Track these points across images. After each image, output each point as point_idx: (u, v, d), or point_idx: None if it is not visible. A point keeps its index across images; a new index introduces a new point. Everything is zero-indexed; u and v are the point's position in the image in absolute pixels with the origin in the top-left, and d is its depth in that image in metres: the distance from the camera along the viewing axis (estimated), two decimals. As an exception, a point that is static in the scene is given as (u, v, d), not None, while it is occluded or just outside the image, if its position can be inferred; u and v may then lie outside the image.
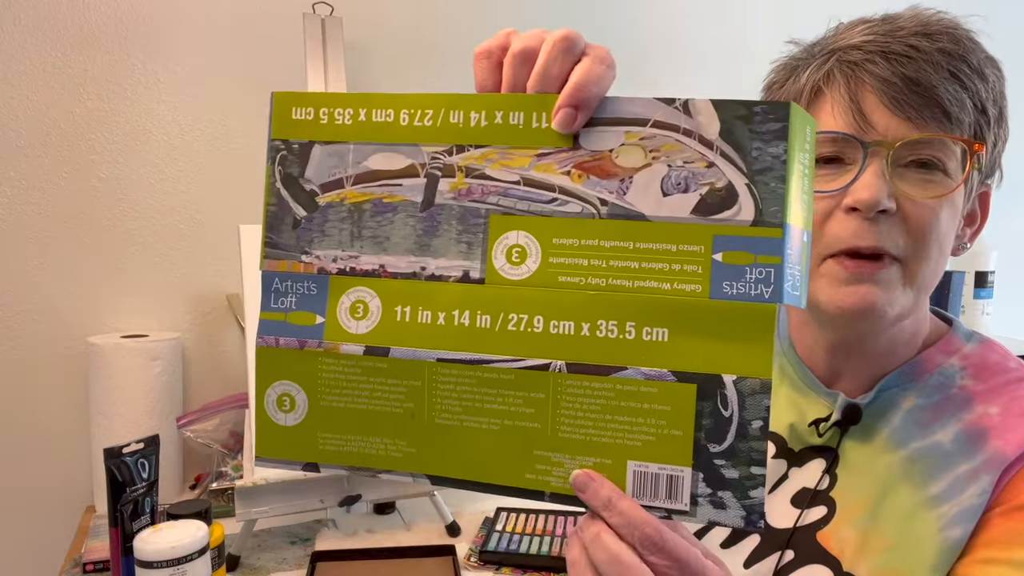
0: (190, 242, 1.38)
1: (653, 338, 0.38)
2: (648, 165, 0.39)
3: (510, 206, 0.41)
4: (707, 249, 0.38)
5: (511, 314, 0.40)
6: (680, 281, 0.38)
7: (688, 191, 0.38)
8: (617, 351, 0.39)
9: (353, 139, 0.43)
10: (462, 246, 0.41)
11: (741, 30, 1.71)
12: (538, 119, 0.40)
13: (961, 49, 0.55)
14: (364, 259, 0.43)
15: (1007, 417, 0.56)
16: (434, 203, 0.42)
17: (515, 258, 0.40)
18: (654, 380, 0.38)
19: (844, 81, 0.56)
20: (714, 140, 0.38)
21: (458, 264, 0.41)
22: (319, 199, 0.44)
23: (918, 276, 0.57)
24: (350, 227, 0.43)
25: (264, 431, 0.45)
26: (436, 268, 0.42)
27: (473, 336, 0.41)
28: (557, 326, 0.40)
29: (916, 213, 0.55)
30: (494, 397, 0.41)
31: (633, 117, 0.39)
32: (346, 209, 0.43)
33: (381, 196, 0.43)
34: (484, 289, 0.41)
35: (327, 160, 0.43)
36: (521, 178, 0.41)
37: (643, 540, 0.37)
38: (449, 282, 0.41)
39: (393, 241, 0.42)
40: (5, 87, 1.25)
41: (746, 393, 0.37)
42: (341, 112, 0.43)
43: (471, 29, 1.51)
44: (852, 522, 0.58)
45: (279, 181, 0.44)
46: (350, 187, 0.43)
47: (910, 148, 0.55)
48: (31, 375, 1.30)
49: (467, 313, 0.41)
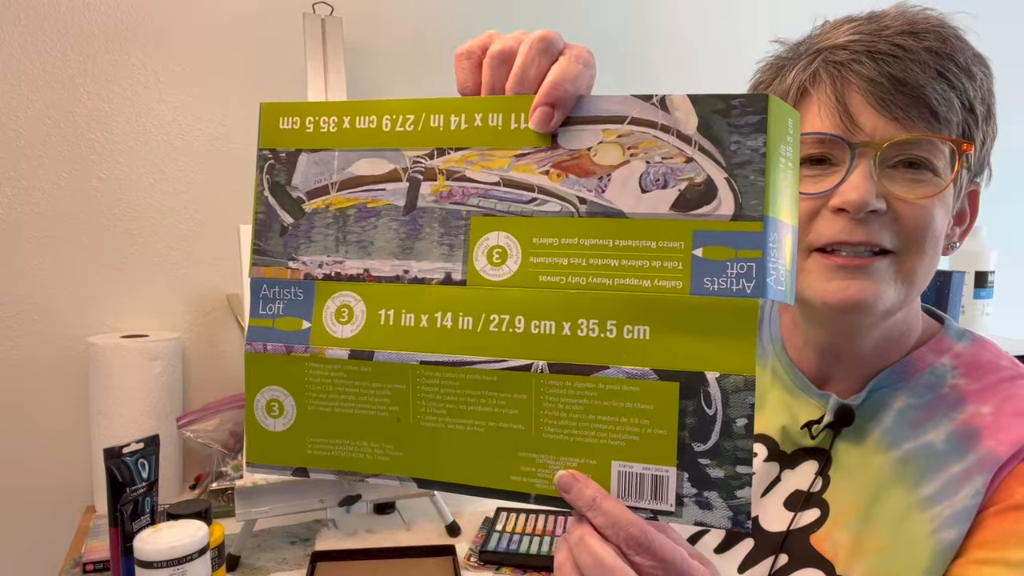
0: (190, 242, 1.38)
1: (635, 336, 0.38)
2: (626, 162, 0.39)
3: (490, 207, 0.41)
4: (687, 245, 0.37)
5: (492, 315, 0.40)
6: (660, 278, 0.38)
7: (667, 187, 0.38)
8: (599, 350, 0.39)
9: (338, 146, 0.44)
10: (444, 248, 0.41)
11: (739, 30, 1.71)
12: (516, 120, 0.40)
13: (948, 47, 0.54)
14: (349, 264, 0.43)
15: (1000, 416, 0.56)
16: (416, 207, 0.42)
17: (496, 259, 0.41)
18: (636, 379, 0.38)
19: (830, 81, 0.56)
20: (692, 135, 0.38)
21: (440, 266, 0.41)
22: (305, 206, 0.44)
23: (911, 271, 0.56)
24: (335, 232, 0.43)
25: (254, 437, 0.45)
26: (419, 271, 0.42)
27: (456, 338, 0.41)
28: (538, 326, 0.39)
29: (910, 212, 0.55)
30: (477, 399, 0.41)
31: (610, 115, 0.39)
32: (331, 215, 0.44)
33: (365, 201, 0.43)
34: (466, 291, 0.41)
35: (313, 168, 0.44)
36: (501, 179, 0.41)
37: (628, 540, 0.37)
38: (432, 284, 0.42)
39: (377, 245, 0.43)
40: (5, 87, 1.25)
41: (730, 391, 0.37)
42: (326, 120, 0.44)
43: (471, 29, 1.51)
44: (845, 525, 0.58)
45: (267, 189, 0.45)
46: (335, 193, 0.44)
47: (898, 148, 0.54)
48: (31, 375, 1.31)
49: (449, 315, 0.41)
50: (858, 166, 0.54)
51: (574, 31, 1.57)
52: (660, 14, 1.66)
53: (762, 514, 0.63)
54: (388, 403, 0.42)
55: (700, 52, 1.70)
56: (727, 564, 0.63)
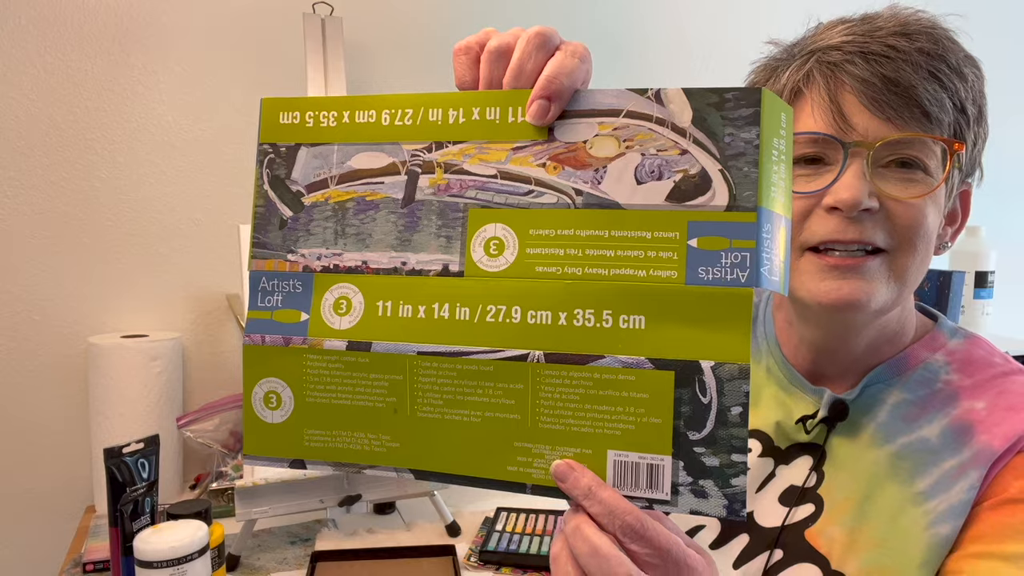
0: (190, 242, 1.38)
1: (630, 326, 0.38)
2: (622, 155, 0.39)
3: (488, 199, 0.41)
4: (682, 235, 0.38)
5: (489, 305, 0.41)
6: (656, 268, 0.38)
7: (662, 178, 0.39)
8: (594, 339, 0.39)
9: (337, 140, 0.44)
10: (442, 240, 0.42)
11: (738, 29, 1.71)
12: (514, 114, 0.41)
13: (940, 48, 0.55)
14: (347, 256, 0.44)
15: (993, 411, 0.56)
16: (414, 199, 0.43)
17: (493, 250, 0.41)
18: (632, 368, 0.38)
19: (823, 82, 0.56)
20: (687, 127, 0.38)
21: (438, 258, 0.42)
22: (305, 199, 0.45)
23: (904, 269, 0.57)
24: (334, 225, 0.44)
25: (252, 429, 0.45)
26: (417, 263, 0.42)
27: (453, 329, 0.41)
28: (535, 316, 0.40)
29: (902, 211, 0.55)
30: (474, 389, 0.41)
31: (606, 108, 0.40)
32: (330, 208, 0.44)
33: (364, 194, 0.44)
34: (463, 282, 0.41)
35: (312, 161, 0.45)
36: (498, 171, 0.41)
37: (624, 528, 0.37)
38: (429, 276, 0.42)
39: (375, 238, 0.43)
40: (5, 87, 1.25)
41: (724, 379, 0.37)
42: (326, 115, 0.44)
43: (470, 29, 1.50)
44: (840, 520, 0.58)
45: (267, 183, 0.45)
46: (334, 187, 0.44)
47: (890, 148, 0.55)
48: (31, 375, 1.31)
49: (447, 306, 0.41)
50: (851, 165, 0.55)
51: (571, 28, 1.57)
52: (657, 10, 1.66)
53: (757, 509, 0.63)
54: (385, 394, 0.42)
55: (696, 48, 1.71)
56: (723, 559, 0.63)
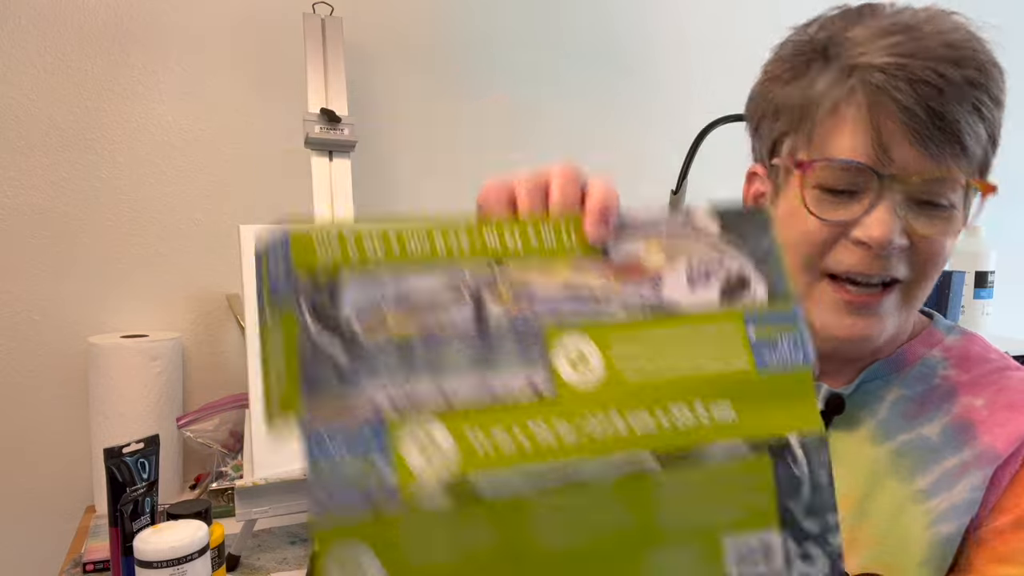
0: (190, 242, 1.38)
1: (722, 415, 0.41)
2: (671, 263, 0.43)
3: (561, 317, 0.41)
4: (741, 327, 0.42)
5: (589, 421, 0.39)
6: (730, 358, 0.41)
7: (710, 280, 0.43)
8: (695, 433, 0.40)
9: (387, 271, 0.40)
10: (522, 362, 0.39)
11: (744, 25, 1.71)
12: (568, 235, 0.43)
13: (984, 77, 0.54)
14: (422, 391, 0.38)
15: (994, 410, 0.56)
16: (484, 324, 0.40)
17: (578, 365, 0.41)
18: (733, 454, 0.40)
19: (867, 105, 0.55)
20: (718, 237, 0.43)
21: (523, 382, 0.39)
22: (360, 338, 0.39)
23: (915, 298, 0.58)
24: (397, 361, 0.39)
25: None
26: (502, 389, 0.39)
27: (556, 452, 0.38)
28: (636, 422, 0.40)
29: (926, 246, 0.56)
30: (590, 510, 0.39)
31: (647, 224, 0.44)
32: (393, 344, 0.39)
33: (428, 325, 0.39)
34: (555, 402, 0.39)
35: (363, 294, 0.39)
36: (565, 288, 0.42)
37: None
38: (519, 402, 0.39)
39: (449, 369, 0.39)
40: (5, 87, 1.25)
41: (811, 448, 0.41)
42: (371, 244, 0.40)
43: (470, 29, 1.51)
44: (840, 517, 0.59)
45: (310, 321, 0.39)
46: (392, 319, 0.39)
47: (925, 186, 0.54)
48: (31, 375, 1.30)
49: (545, 428, 0.39)
50: (884, 200, 0.54)
51: (572, 28, 1.57)
52: (657, 10, 1.66)
53: None
54: (498, 537, 0.37)
55: (697, 48, 1.70)
56: None
